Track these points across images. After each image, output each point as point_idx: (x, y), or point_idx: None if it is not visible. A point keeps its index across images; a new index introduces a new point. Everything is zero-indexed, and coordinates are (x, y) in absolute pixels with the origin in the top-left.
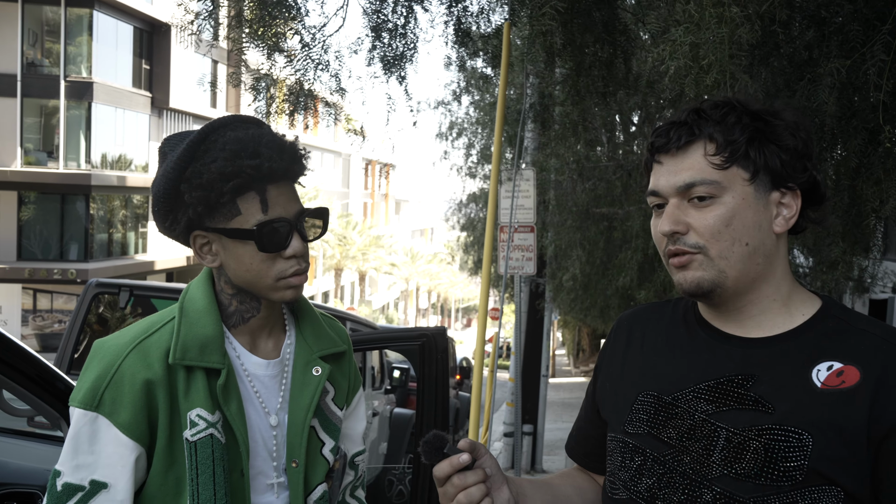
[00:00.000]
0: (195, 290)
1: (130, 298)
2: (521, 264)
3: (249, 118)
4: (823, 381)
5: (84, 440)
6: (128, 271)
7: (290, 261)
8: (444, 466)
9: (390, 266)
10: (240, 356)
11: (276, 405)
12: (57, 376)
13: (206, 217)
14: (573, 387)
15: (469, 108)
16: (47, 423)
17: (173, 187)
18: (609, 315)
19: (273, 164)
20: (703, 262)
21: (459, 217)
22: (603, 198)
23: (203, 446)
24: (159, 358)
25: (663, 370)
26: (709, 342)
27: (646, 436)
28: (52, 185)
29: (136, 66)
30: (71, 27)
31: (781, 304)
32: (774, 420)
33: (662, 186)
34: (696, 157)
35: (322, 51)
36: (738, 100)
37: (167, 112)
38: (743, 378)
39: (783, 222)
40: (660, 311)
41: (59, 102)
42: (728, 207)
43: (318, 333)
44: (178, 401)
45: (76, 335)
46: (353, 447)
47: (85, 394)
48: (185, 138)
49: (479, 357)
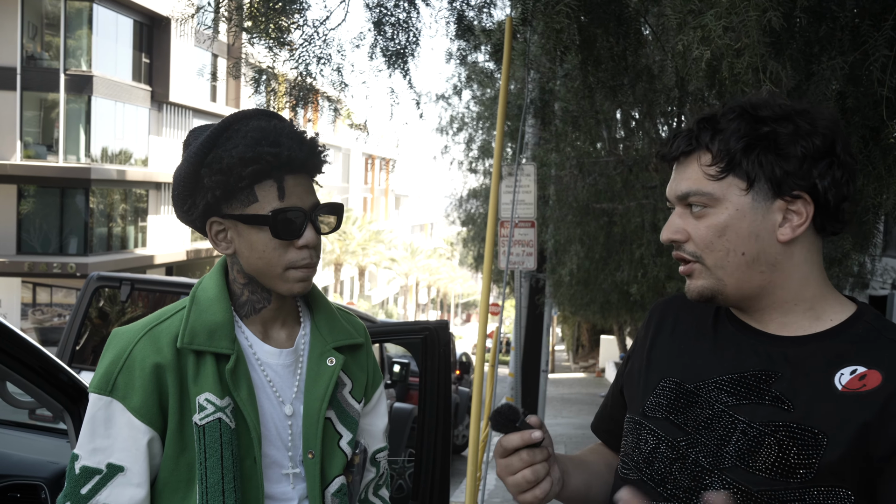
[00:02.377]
0: (208, 280)
1: (131, 292)
2: (521, 259)
3: (272, 112)
4: (845, 384)
5: (100, 424)
6: (127, 265)
7: (302, 251)
8: (515, 439)
9: (390, 261)
10: (252, 344)
11: (291, 395)
12: (60, 368)
13: (223, 203)
14: (572, 382)
15: (470, 103)
16: (49, 416)
17: (194, 171)
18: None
19: (293, 153)
20: (702, 271)
21: (460, 212)
22: (603, 193)
23: (211, 430)
24: (169, 343)
25: (688, 359)
26: (735, 336)
27: (663, 420)
28: (51, 178)
29: (135, 59)
30: (71, 20)
31: (806, 308)
32: (792, 418)
33: (668, 193)
34: (693, 168)
35: (324, 44)
36: (752, 103)
37: (167, 106)
38: (765, 374)
39: (789, 230)
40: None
41: (59, 96)
42: (720, 218)
43: (333, 325)
44: (188, 385)
45: (77, 328)
46: (374, 443)
47: (100, 379)
48: (209, 128)
49: (480, 352)
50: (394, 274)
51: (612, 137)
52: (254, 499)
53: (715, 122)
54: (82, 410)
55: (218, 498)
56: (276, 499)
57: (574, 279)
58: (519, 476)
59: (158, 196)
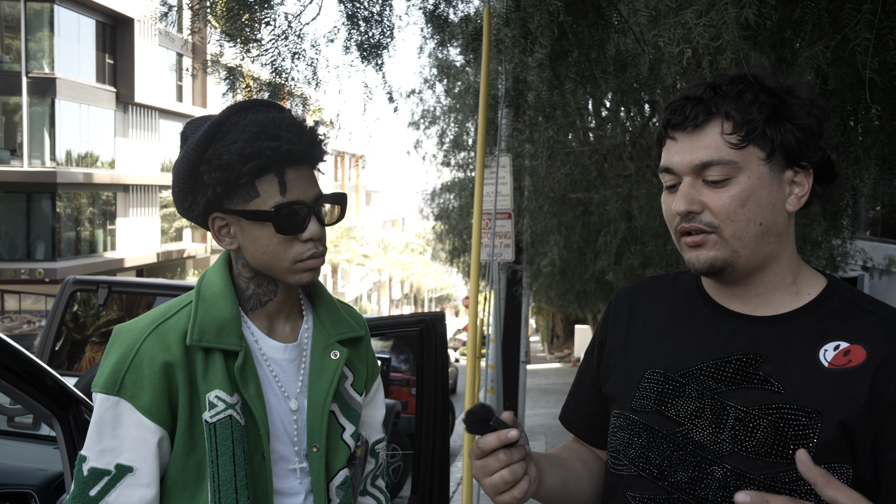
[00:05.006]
0: (212, 275)
1: (109, 295)
2: (499, 251)
3: (270, 102)
4: (831, 360)
5: (108, 424)
6: (97, 269)
7: (308, 244)
8: (492, 440)
9: (363, 257)
10: (257, 340)
11: (296, 389)
12: (46, 373)
13: (224, 198)
14: (549, 373)
15: (441, 96)
16: (29, 423)
17: (193, 168)
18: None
19: (292, 146)
20: (716, 241)
21: (433, 207)
22: (579, 183)
23: (222, 427)
24: (177, 340)
25: (668, 347)
26: (713, 319)
27: (653, 413)
28: (16, 183)
29: (99, 60)
30: (31, 22)
31: (790, 282)
32: (784, 399)
33: (677, 164)
34: (712, 136)
35: (298, 39)
36: (753, 75)
37: (132, 107)
38: (751, 357)
39: (795, 201)
40: (660, 285)
41: (22, 99)
42: (743, 187)
43: (336, 318)
44: (197, 383)
45: (54, 334)
46: (373, 434)
47: (106, 379)
48: (207, 121)
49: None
50: (367, 270)
51: (586, 127)
52: (263, 495)
53: (723, 91)
54: (70, 416)
55: (231, 495)
56: (284, 493)
57: (554, 269)
58: (497, 477)
59: (126, 198)
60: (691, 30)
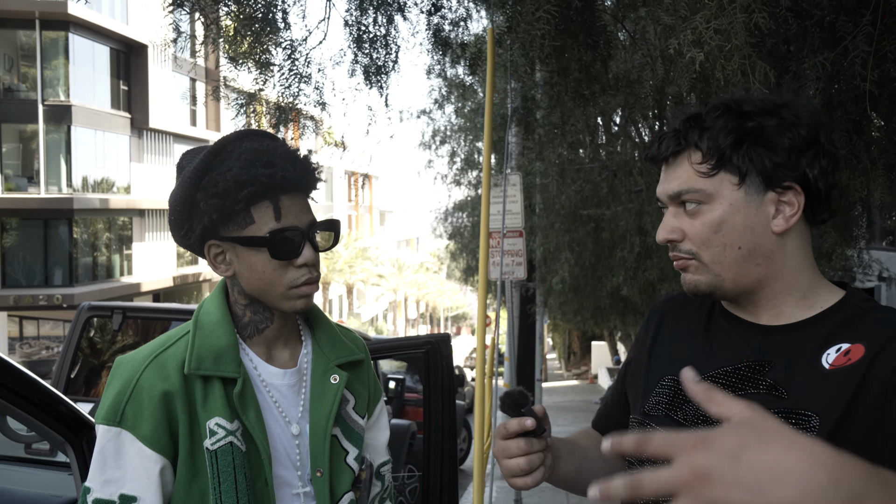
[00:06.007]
0: (209, 304)
1: (124, 321)
2: (511, 269)
3: (264, 132)
4: (832, 362)
5: (110, 455)
6: (114, 294)
7: (302, 269)
8: (514, 425)
9: (378, 277)
10: (256, 366)
11: (297, 414)
12: (60, 400)
13: (220, 226)
14: (566, 390)
15: (451, 116)
16: (45, 449)
17: (190, 196)
18: (602, 316)
19: (287, 173)
20: (698, 267)
21: (446, 226)
22: (589, 199)
23: (223, 454)
24: (175, 369)
25: (685, 355)
26: (728, 329)
27: (663, 418)
28: (33, 210)
29: (114, 87)
30: (47, 50)
31: (799, 297)
32: (786, 405)
33: (659, 194)
34: (684, 167)
35: (305, 64)
36: (735, 100)
37: (147, 132)
38: (759, 364)
39: (783, 221)
40: (690, 299)
41: (38, 127)
42: (716, 214)
43: (334, 342)
44: (197, 411)
45: (70, 360)
46: (378, 457)
47: (107, 410)
48: (203, 151)
49: (479, 365)
50: (382, 290)
51: (595, 143)
52: None
53: (701, 121)
54: (84, 442)
55: None
56: None
57: (566, 286)
58: (513, 462)
59: (142, 223)
60: (702, 34)
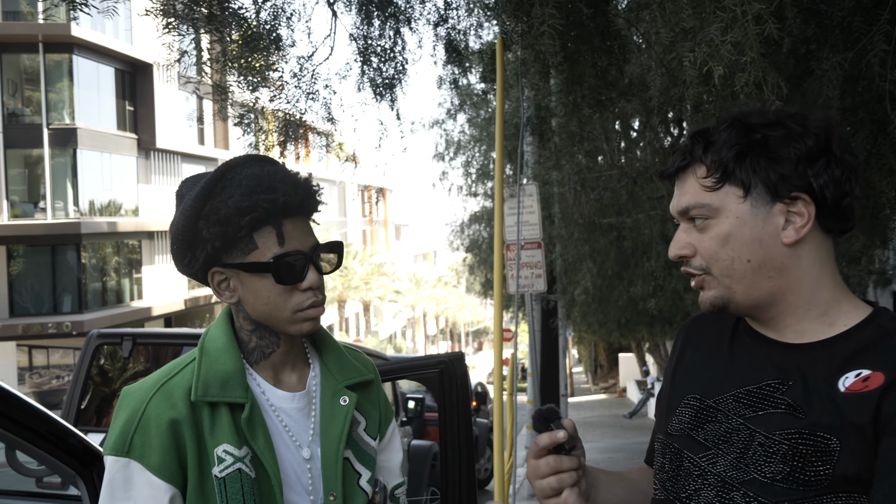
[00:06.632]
0: (215, 330)
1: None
2: (530, 282)
3: (264, 157)
4: (848, 386)
5: (119, 486)
6: (124, 319)
7: (307, 293)
8: (545, 438)
9: (395, 294)
10: (265, 391)
11: (308, 438)
12: (70, 432)
13: (223, 253)
14: (594, 405)
15: (465, 126)
16: (57, 483)
17: (192, 225)
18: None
19: (288, 198)
20: (710, 281)
21: (463, 238)
22: (609, 207)
23: (232, 481)
24: (182, 397)
25: (708, 374)
26: (752, 348)
27: (685, 437)
28: (40, 236)
29: (119, 108)
30: (51, 73)
31: (820, 313)
32: (804, 425)
33: (672, 210)
34: (690, 182)
35: (311, 81)
36: (743, 112)
37: (154, 153)
38: (779, 383)
39: (793, 233)
40: (717, 318)
41: (44, 151)
42: (723, 228)
43: (342, 363)
44: (205, 438)
45: (80, 389)
46: (392, 479)
47: (115, 440)
48: (203, 178)
49: (497, 380)
50: (400, 307)
51: (614, 150)
52: None
53: (708, 136)
54: (94, 474)
55: None
56: None
57: (588, 297)
58: (545, 482)
59: (151, 246)
60: (718, 47)
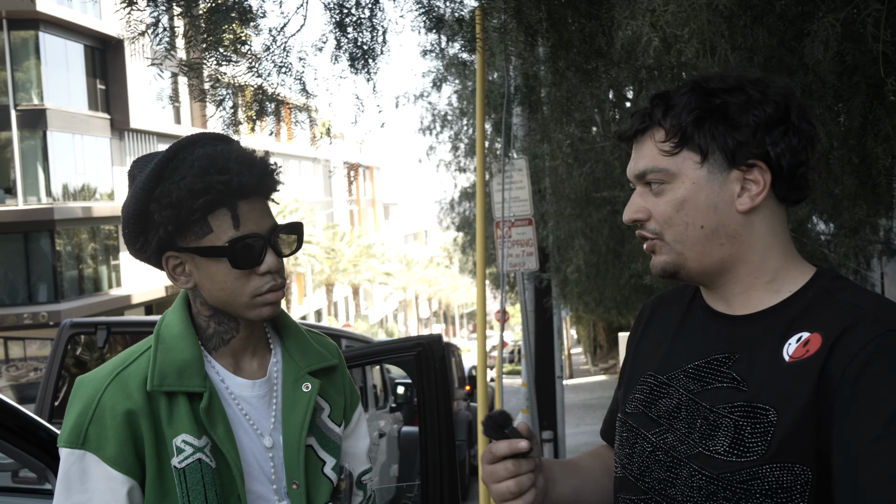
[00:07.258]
0: (171, 316)
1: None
2: (521, 260)
3: (218, 135)
4: (791, 353)
5: (75, 479)
6: (103, 308)
7: (265, 277)
8: (503, 448)
9: (385, 276)
10: (223, 379)
11: (269, 426)
12: (39, 426)
13: (177, 237)
14: (593, 386)
15: (451, 98)
16: (34, 477)
17: (143, 208)
18: (626, 305)
19: (243, 179)
20: (662, 247)
21: (453, 217)
22: (602, 181)
23: (192, 472)
24: (138, 387)
25: (664, 351)
26: (703, 322)
27: (640, 415)
28: (12, 223)
29: (90, 86)
30: (16, 52)
31: (768, 280)
32: (747, 397)
33: (628, 173)
34: (648, 146)
35: (284, 53)
36: (702, 77)
37: (129, 133)
38: (726, 357)
39: (748, 200)
40: (679, 294)
41: (12, 134)
42: (678, 193)
43: (305, 349)
44: (163, 429)
45: (55, 381)
46: (358, 466)
47: (69, 432)
48: (154, 158)
49: (481, 364)
50: (390, 289)
51: (607, 120)
52: None
53: (668, 99)
54: None
55: None
56: None
57: (581, 275)
58: (503, 486)
59: None
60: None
